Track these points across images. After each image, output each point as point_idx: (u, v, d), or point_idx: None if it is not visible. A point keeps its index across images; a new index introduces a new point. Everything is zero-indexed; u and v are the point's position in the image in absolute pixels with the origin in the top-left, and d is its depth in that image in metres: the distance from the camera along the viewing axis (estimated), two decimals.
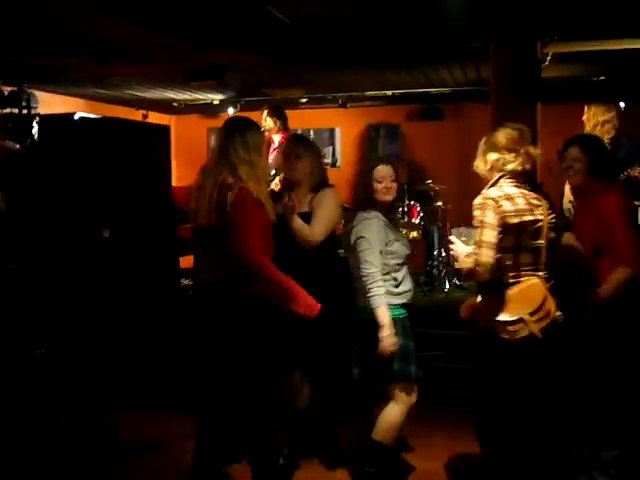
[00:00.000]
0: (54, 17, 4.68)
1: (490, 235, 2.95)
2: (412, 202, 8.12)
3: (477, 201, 3.04)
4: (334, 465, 3.98)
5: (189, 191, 3.40)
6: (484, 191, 3.07)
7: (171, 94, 8.37)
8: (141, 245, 5.99)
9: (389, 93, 8.43)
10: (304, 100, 8.84)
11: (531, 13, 5.06)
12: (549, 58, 6.20)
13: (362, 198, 3.60)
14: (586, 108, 5.07)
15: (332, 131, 10.14)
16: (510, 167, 3.03)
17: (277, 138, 6.47)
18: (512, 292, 2.97)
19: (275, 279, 3.14)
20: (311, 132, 10.03)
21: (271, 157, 6.26)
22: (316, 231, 3.73)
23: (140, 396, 5.15)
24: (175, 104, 9.02)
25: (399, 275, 3.56)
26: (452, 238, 3.22)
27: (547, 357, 3.06)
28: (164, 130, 6.47)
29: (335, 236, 3.94)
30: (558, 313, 2.97)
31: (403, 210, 7.97)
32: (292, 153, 3.86)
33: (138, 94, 8.28)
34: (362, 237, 3.50)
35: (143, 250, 6.01)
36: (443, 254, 7.98)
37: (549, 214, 3.03)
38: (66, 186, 5.57)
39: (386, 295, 3.45)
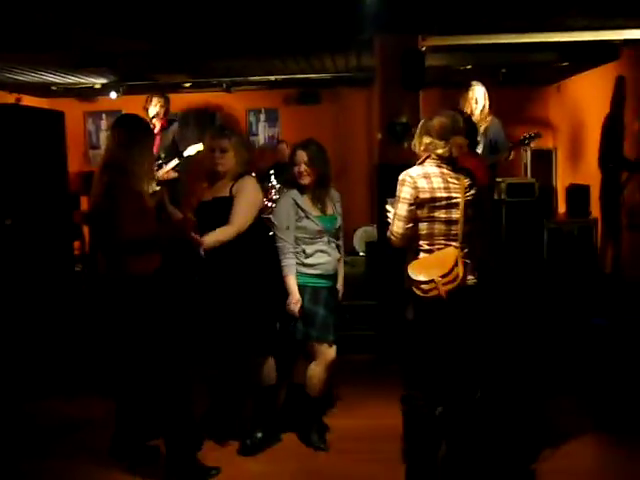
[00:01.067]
0: None
1: (402, 209, 3.38)
2: None
3: (400, 177, 3.43)
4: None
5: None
6: (409, 169, 3.45)
7: (52, 78, 8.21)
8: (41, 232, 6.01)
9: (272, 78, 8.75)
10: (188, 85, 8.98)
11: (414, 9, 5.58)
12: (424, 50, 6.79)
13: (289, 177, 4.00)
14: (469, 94, 5.65)
15: (213, 115, 10.30)
16: (439, 152, 3.43)
17: (158, 123, 6.65)
18: (428, 257, 3.41)
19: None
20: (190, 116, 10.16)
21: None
22: (235, 222, 3.85)
23: (49, 382, 5.21)
24: (54, 88, 8.85)
25: (309, 249, 3.98)
26: (388, 207, 3.55)
27: (451, 315, 3.52)
28: (58, 116, 6.46)
29: (263, 220, 4.18)
30: (470, 277, 3.45)
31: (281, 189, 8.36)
32: (217, 147, 3.96)
33: (16, 77, 8.05)
34: (274, 214, 4.03)
35: (43, 237, 6.03)
36: None
37: (467, 191, 3.42)
38: None
39: (297, 265, 3.94)
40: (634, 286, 6.15)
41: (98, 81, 8.61)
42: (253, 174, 4.23)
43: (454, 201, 3.40)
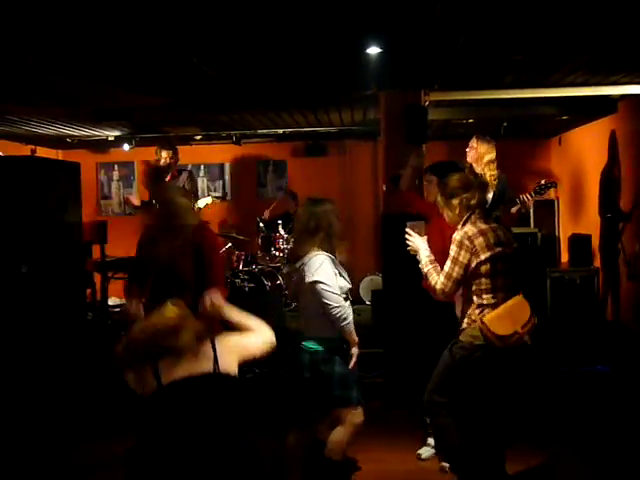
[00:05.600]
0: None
1: (458, 272, 3.42)
2: None
3: (457, 237, 3.46)
4: None
5: None
6: (462, 228, 3.50)
7: (68, 130, 8.49)
8: (55, 279, 6.16)
9: (280, 131, 9.02)
10: (199, 137, 9.25)
11: (416, 66, 5.83)
12: (427, 104, 7.03)
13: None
14: (475, 146, 5.34)
15: (222, 166, 10.59)
16: (473, 202, 3.50)
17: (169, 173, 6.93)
18: (501, 310, 3.40)
19: None
20: (201, 167, 10.46)
21: None
22: None
23: (68, 424, 5.25)
24: (69, 140, 9.12)
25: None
26: (409, 231, 3.59)
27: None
28: (74, 167, 6.69)
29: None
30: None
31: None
32: None
33: (34, 130, 8.33)
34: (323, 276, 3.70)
35: (57, 284, 6.18)
36: None
37: (513, 243, 3.53)
38: None
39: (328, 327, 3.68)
40: (634, 333, 6.22)
41: (112, 133, 8.90)
42: None
43: (506, 253, 3.46)
